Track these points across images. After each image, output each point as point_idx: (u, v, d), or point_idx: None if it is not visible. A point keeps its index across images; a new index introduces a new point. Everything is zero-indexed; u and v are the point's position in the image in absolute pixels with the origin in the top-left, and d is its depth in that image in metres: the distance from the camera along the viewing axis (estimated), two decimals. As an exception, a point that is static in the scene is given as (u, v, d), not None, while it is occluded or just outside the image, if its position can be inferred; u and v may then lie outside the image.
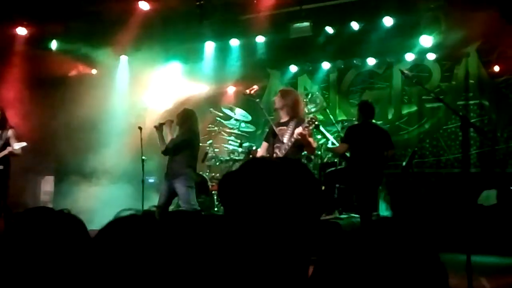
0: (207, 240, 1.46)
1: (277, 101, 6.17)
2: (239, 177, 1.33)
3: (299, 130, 5.65)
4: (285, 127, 5.99)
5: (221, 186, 1.36)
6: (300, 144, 5.85)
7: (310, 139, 5.90)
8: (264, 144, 6.27)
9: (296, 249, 1.27)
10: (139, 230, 1.36)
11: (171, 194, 6.97)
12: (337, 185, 7.58)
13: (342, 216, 7.66)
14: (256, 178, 1.29)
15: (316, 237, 1.31)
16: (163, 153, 7.07)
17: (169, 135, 6.99)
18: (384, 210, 8.38)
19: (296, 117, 6.00)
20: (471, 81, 9.19)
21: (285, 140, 5.85)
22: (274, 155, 5.90)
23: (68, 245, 1.39)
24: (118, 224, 1.35)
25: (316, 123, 5.94)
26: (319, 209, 1.34)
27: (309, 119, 5.81)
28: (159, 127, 7.05)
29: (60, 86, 9.92)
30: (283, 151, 5.83)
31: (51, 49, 9.76)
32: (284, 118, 6.09)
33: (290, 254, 1.26)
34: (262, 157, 7.15)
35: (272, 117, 6.53)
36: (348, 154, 7.45)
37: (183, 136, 6.97)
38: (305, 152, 6.59)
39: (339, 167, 7.86)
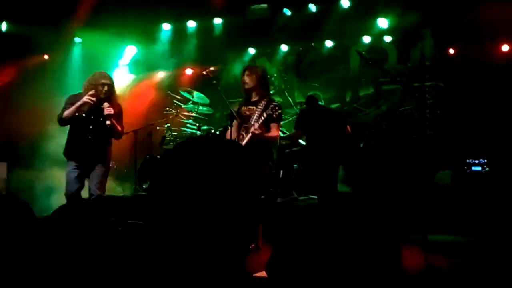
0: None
1: (248, 80, 5.77)
2: (174, 155, 1.30)
3: (252, 129, 5.49)
4: (254, 107, 5.73)
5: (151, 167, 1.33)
6: (267, 126, 5.66)
7: (274, 127, 5.71)
8: (235, 123, 5.91)
9: (229, 229, 1.24)
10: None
11: (84, 178, 5.93)
12: (295, 166, 7.61)
13: (301, 198, 7.70)
14: (187, 156, 1.26)
15: (253, 219, 1.29)
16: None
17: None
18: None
19: (265, 97, 5.74)
20: (427, 63, 9.34)
21: (253, 121, 5.65)
22: (241, 136, 5.74)
23: (13, 229, 1.33)
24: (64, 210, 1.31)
25: (280, 110, 5.77)
26: (254, 191, 1.31)
27: (274, 104, 5.65)
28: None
29: (12, 69, 9.60)
30: (249, 134, 5.61)
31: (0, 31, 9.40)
32: (255, 98, 5.80)
33: (222, 235, 1.24)
34: (196, 137, 6.98)
35: (230, 100, 6.45)
36: (300, 140, 7.59)
37: (120, 111, 6.03)
38: None
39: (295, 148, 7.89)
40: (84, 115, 5.78)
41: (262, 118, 5.59)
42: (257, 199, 1.34)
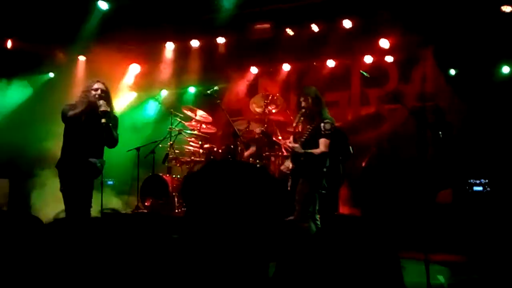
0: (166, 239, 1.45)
1: (303, 102, 5.74)
2: (202, 177, 1.33)
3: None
4: (308, 126, 5.77)
5: (183, 186, 1.37)
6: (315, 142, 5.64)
7: (321, 143, 5.65)
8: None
9: (255, 249, 1.27)
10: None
11: (79, 193, 5.50)
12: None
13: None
14: (217, 179, 1.30)
15: (277, 239, 1.31)
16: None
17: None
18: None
19: (319, 116, 5.69)
20: (428, 83, 9.39)
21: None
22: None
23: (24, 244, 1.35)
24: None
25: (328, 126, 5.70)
26: (279, 212, 1.34)
27: (325, 122, 5.65)
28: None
29: (16, 86, 9.69)
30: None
31: (6, 48, 9.50)
32: (309, 118, 5.80)
33: (249, 254, 1.26)
34: (223, 159, 7.07)
35: (233, 119, 6.50)
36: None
37: (115, 119, 5.72)
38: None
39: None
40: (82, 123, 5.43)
41: (305, 135, 5.68)
42: (281, 218, 1.38)
